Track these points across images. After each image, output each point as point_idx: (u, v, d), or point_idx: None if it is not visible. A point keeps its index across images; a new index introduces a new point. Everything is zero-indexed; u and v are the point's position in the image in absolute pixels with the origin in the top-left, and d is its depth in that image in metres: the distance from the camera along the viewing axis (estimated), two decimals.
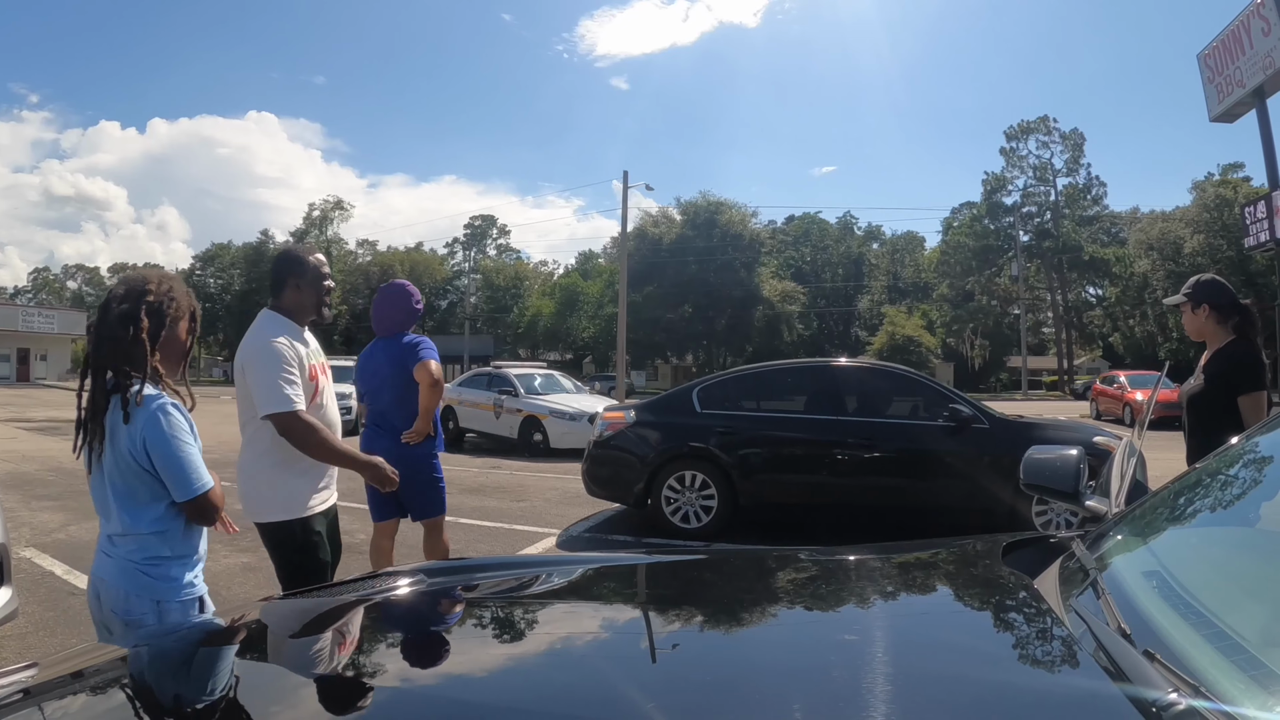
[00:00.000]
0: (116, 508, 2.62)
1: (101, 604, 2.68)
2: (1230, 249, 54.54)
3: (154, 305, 2.66)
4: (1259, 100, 29.14)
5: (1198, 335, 4.76)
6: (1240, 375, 4.42)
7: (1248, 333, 4.58)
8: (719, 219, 72.29)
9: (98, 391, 2.63)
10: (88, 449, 2.66)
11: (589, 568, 2.47)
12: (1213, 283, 4.76)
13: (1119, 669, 1.28)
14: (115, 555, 2.66)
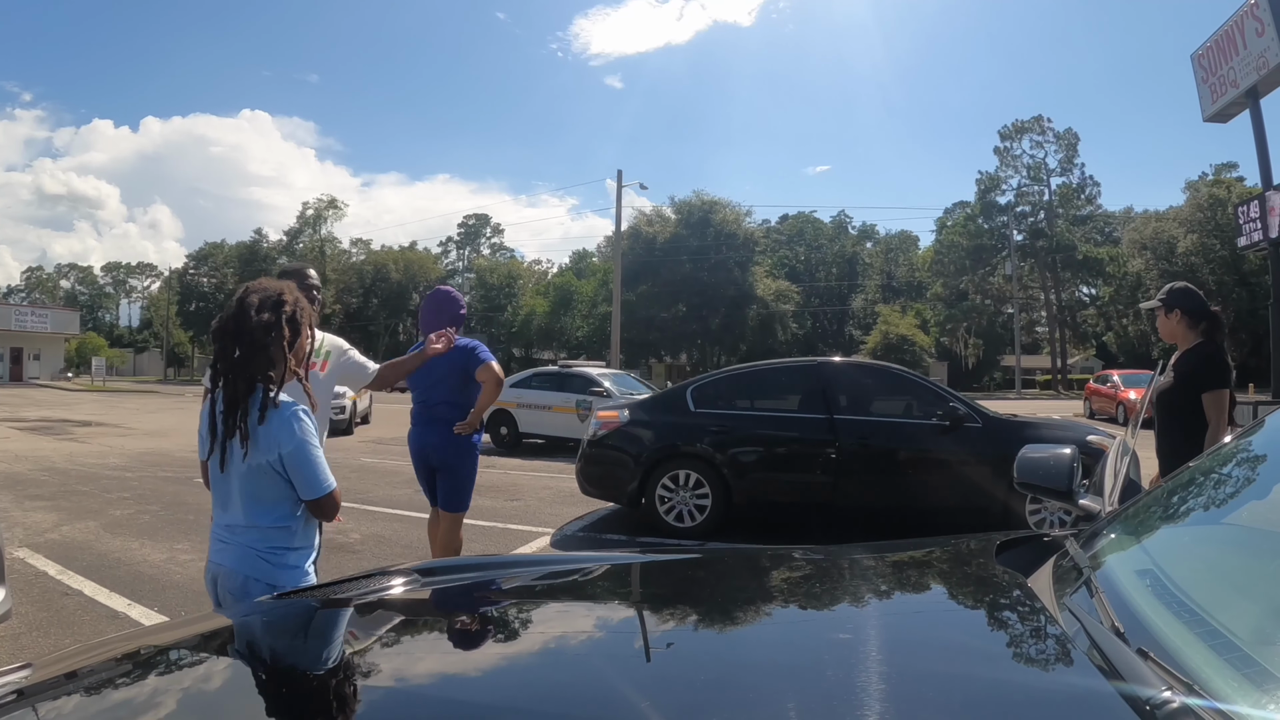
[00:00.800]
0: (241, 504, 2.79)
1: (218, 587, 2.86)
2: (1223, 249, 54.72)
3: (290, 315, 2.82)
4: (1252, 100, 29.22)
5: (1169, 337, 5.13)
6: (1206, 373, 4.79)
7: (1215, 336, 4.96)
8: (713, 218, 72.28)
9: (237, 395, 2.74)
10: (220, 447, 2.77)
11: (583, 567, 2.47)
12: (1185, 289, 5.12)
13: (1113, 667, 1.28)
14: (233, 543, 2.83)
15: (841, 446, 8.52)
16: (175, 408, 34.52)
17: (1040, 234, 69.92)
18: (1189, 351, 4.95)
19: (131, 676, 1.61)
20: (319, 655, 1.76)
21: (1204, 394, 4.74)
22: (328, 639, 1.87)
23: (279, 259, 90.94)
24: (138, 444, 18.26)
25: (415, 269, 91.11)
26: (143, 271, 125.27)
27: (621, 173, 46.10)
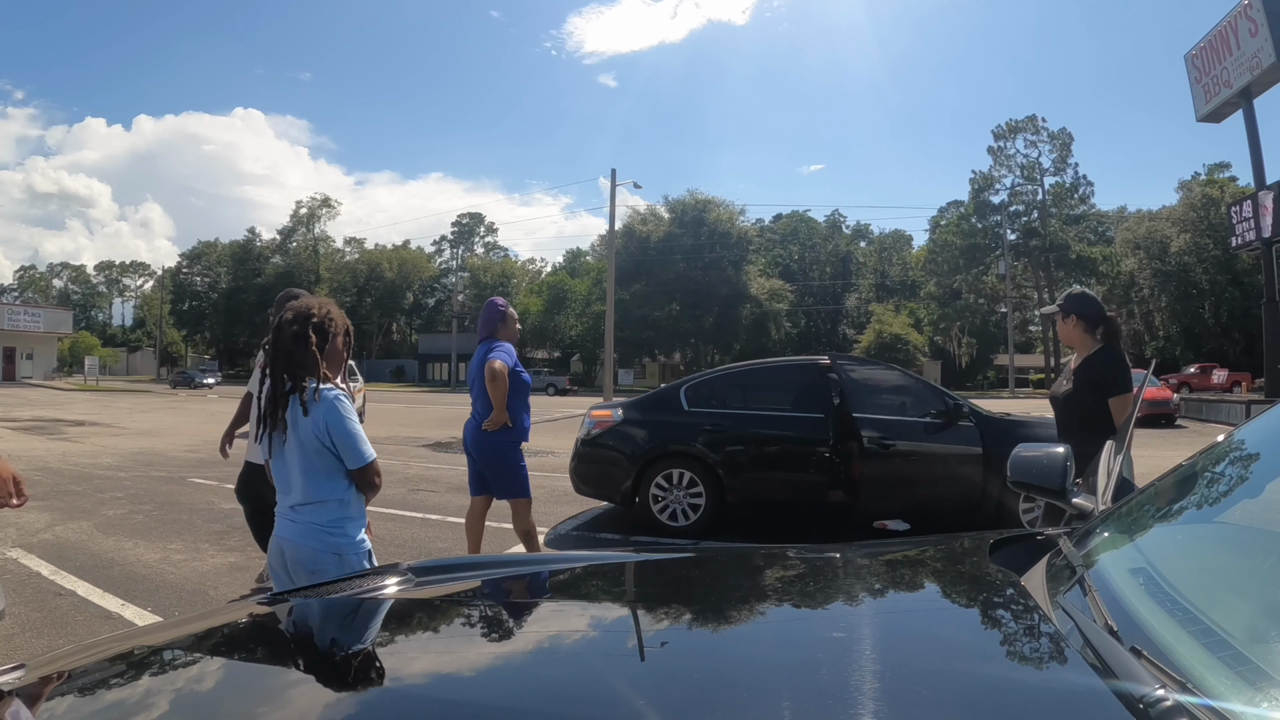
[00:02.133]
0: (302, 482, 3.24)
1: (285, 560, 3.29)
2: (1216, 248, 54.87)
3: (318, 325, 3.27)
4: (1246, 100, 29.30)
5: (1068, 342, 5.25)
6: (1108, 379, 4.93)
7: (1112, 341, 5.08)
8: (707, 217, 72.39)
9: (278, 393, 3.24)
10: (267, 437, 3.28)
11: (577, 566, 2.47)
12: (1082, 296, 5.25)
13: (1106, 665, 1.28)
14: (299, 521, 3.27)
15: (835, 445, 8.53)
16: (169, 407, 34.44)
17: (1034, 233, 70.14)
18: (1090, 357, 5.07)
19: (125, 677, 1.61)
20: (314, 655, 1.75)
21: (1110, 399, 4.88)
22: (323, 639, 1.87)
23: (272, 258, 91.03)
24: (131, 443, 18.22)
25: (409, 268, 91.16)
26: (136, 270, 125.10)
27: (615, 171, 46.12)
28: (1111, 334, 5.10)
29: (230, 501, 10.48)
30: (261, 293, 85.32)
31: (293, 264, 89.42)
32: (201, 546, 7.72)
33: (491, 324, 6.48)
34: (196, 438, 19.67)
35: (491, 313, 6.54)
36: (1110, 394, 4.88)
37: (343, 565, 3.21)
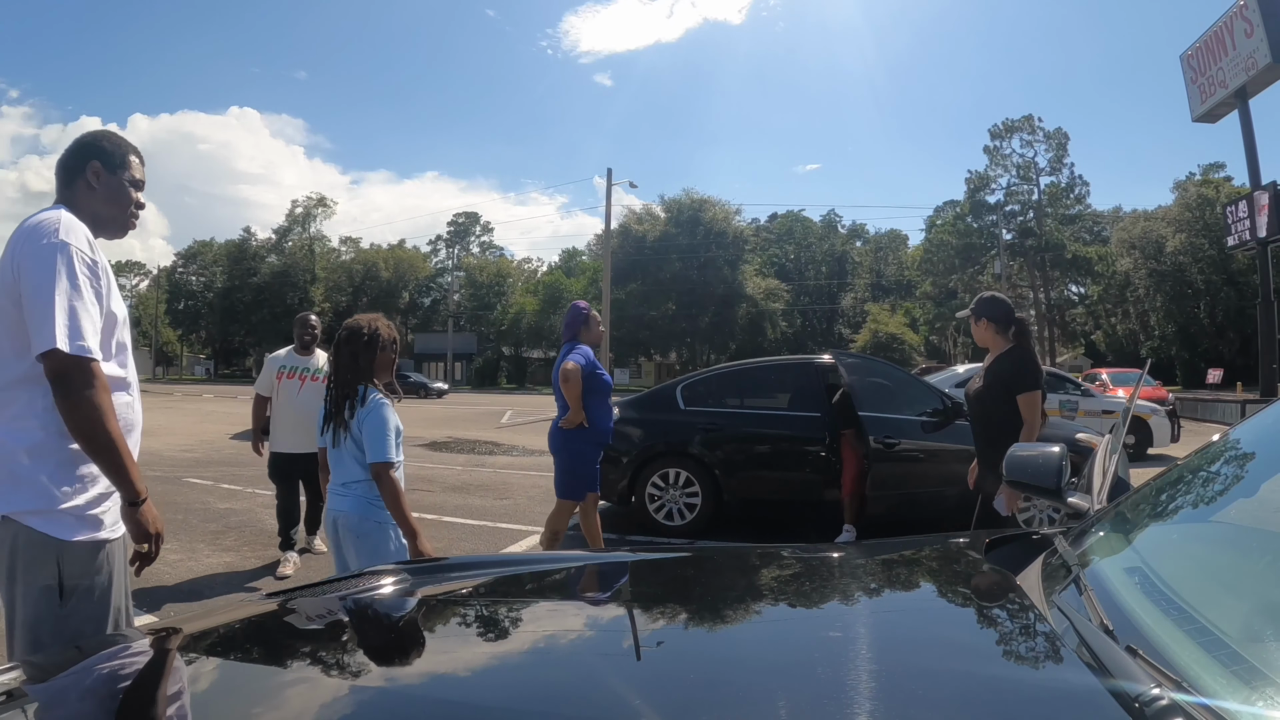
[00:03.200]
0: (354, 465, 3.83)
1: (338, 527, 3.89)
2: (1212, 248, 54.92)
3: (368, 341, 3.93)
4: (1241, 101, 29.35)
5: (981, 343, 5.45)
6: (1017, 377, 5.09)
7: (1023, 341, 5.28)
8: (703, 216, 72.38)
9: (341, 396, 3.88)
10: (331, 429, 3.90)
11: (573, 566, 2.47)
12: (992, 299, 5.44)
13: (1102, 664, 1.28)
14: (350, 495, 3.85)
15: (832, 444, 8.54)
16: (165, 407, 34.36)
17: (1029, 233, 70.19)
18: (1000, 356, 5.25)
19: (120, 678, 1.61)
20: (311, 655, 1.75)
21: (1018, 396, 5.04)
22: (320, 638, 1.87)
23: (268, 257, 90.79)
24: None
25: (404, 267, 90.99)
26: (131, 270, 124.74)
27: (611, 171, 46.25)
28: (1022, 334, 5.30)
29: (226, 501, 10.50)
30: (257, 292, 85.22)
31: (288, 263, 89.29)
32: (197, 546, 7.71)
33: (575, 327, 6.70)
34: (192, 437, 19.65)
35: (575, 316, 6.77)
36: (1018, 391, 5.04)
37: (383, 532, 3.81)
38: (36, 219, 2.53)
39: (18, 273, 2.42)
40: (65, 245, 2.45)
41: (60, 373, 2.37)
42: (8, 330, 2.46)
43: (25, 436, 2.46)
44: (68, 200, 2.70)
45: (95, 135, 2.83)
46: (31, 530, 2.44)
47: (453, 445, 18.45)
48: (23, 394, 2.48)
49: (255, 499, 10.67)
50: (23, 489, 2.44)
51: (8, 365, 2.47)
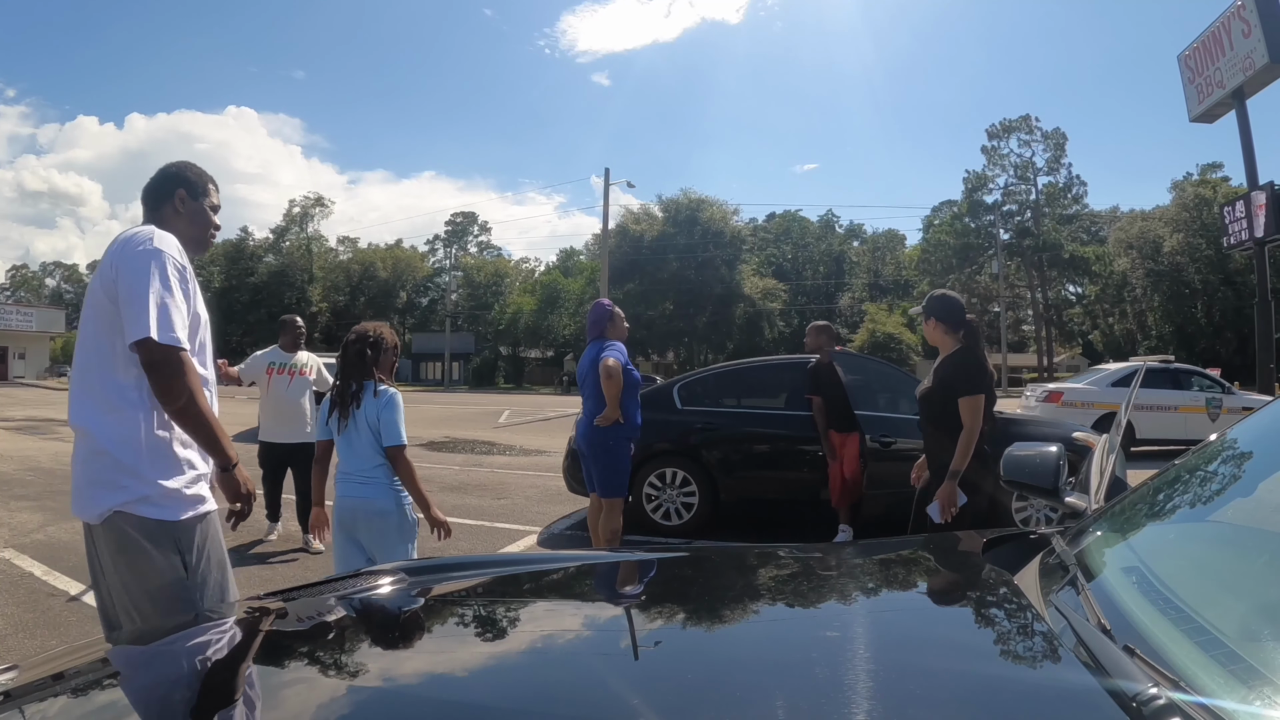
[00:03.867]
0: (370, 452, 4.26)
1: (354, 515, 4.24)
2: (1209, 248, 54.94)
3: (373, 343, 4.39)
4: (1239, 101, 29.34)
5: (932, 342, 5.37)
6: (961, 380, 5.05)
7: (971, 343, 5.21)
8: (700, 216, 72.35)
9: (347, 391, 4.32)
10: (338, 419, 4.32)
11: (570, 566, 2.47)
12: (943, 299, 5.34)
13: (1099, 664, 1.28)
14: (371, 482, 4.27)
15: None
16: None
17: (1027, 233, 70.28)
18: (947, 358, 5.20)
19: (117, 678, 1.61)
20: (308, 655, 1.75)
21: (960, 399, 5.00)
22: (317, 638, 1.87)
23: (265, 257, 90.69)
24: None
25: (402, 267, 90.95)
26: None
27: (609, 170, 46.28)
28: (971, 336, 5.23)
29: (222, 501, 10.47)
30: (254, 292, 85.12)
31: (286, 263, 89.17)
32: None
33: (602, 324, 6.75)
34: None
35: (601, 313, 6.82)
36: (960, 394, 5.01)
37: (401, 509, 4.28)
38: (132, 231, 2.84)
39: (116, 274, 2.71)
40: (159, 252, 2.74)
41: (154, 360, 2.63)
42: (108, 332, 2.75)
43: (125, 430, 2.72)
44: (156, 222, 2.99)
45: (181, 166, 3.17)
46: (144, 519, 2.70)
47: (450, 445, 18.43)
48: (128, 392, 2.75)
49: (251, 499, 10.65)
50: (131, 481, 2.69)
51: (112, 364, 2.75)
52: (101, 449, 2.71)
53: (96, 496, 2.71)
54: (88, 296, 2.83)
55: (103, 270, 2.76)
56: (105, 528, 2.71)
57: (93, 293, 2.80)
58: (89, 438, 2.74)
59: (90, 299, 2.81)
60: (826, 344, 8.58)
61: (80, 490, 2.77)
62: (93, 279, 2.84)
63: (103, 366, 2.75)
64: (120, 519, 2.68)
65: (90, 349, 2.79)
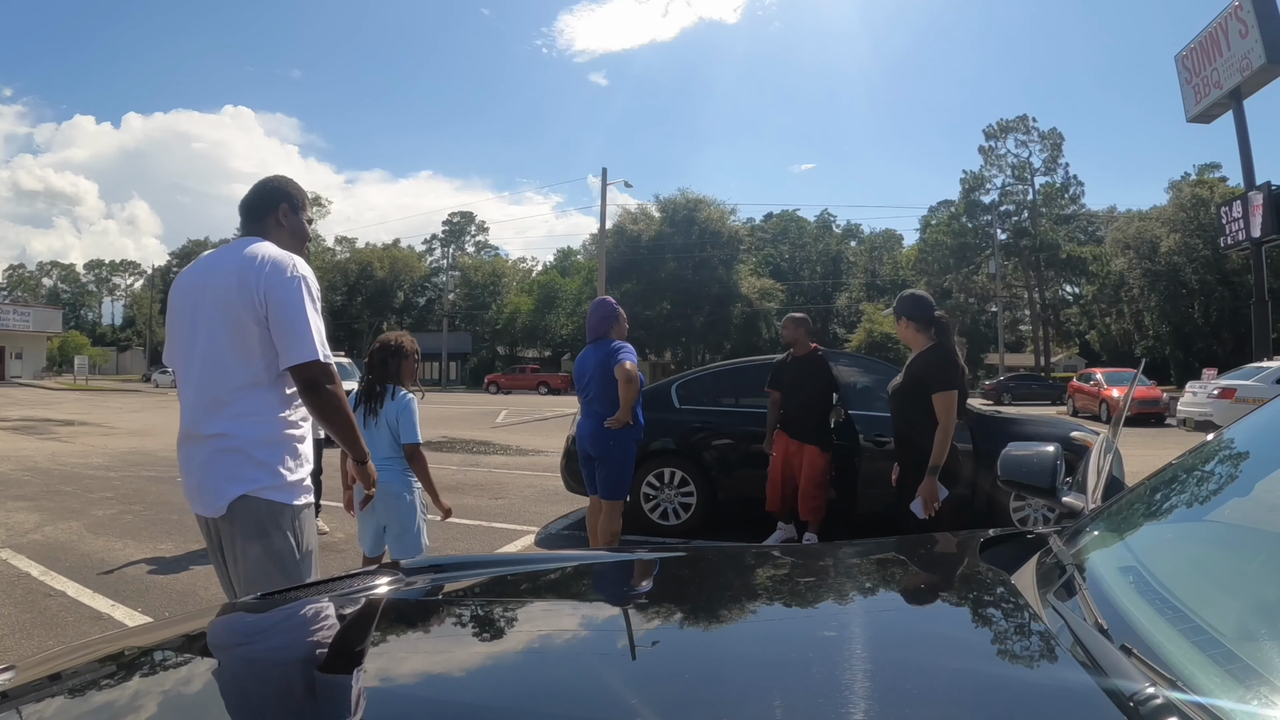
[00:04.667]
0: (390, 446, 4.91)
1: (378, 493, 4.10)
2: (1206, 248, 54.93)
3: (394, 350, 5.05)
4: (1236, 101, 29.41)
5: (904, 340, 5.56)
6: (933, 376, 5.18)
7: (943, 340, 5.36)
8: (698, 216, 72.39)
9: (373, 391, 4.99)
10: (361, 418, 4.83)
11: (568, 565, 2.47)
12: (913, 298, 5.53)
13: (1096, 663, 1.28)
14: (388, 469, 4.74)
15: None
16: (158, 406, 34.32)
17: (1024, 233, 70.30)
18: (920, 355, 5.34)
19: (115, 678, 1.61)
20: (303, 655, 1.75)
21: (933, 395, 5.11)
22: (314, 638, 1.87)
23: None
24: (120, 443, 18.19)
25: (399, 267, 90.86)
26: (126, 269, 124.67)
27: (606, 170, 46.28)
28: (942, 333, 5.37)
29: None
30: None
31: None
32: (192, 547, 7.70)
33: (608, 323, 6.72)
34: None
35: (609, 311, 6.80)
36: (933, 390, 5.11)
37: (412, 492, 4.97)
38: (271, 253, 3.08)
39: (267, 297, 2.99)
40: (305, 278, 3.09)
41: (315, 375, 3.02)
42: (242, 343, 3.02)
43: (260, 430, 3.06)
44: (259, 234, 3.25)
45: (283, 181, 3.43)
46: (271, 501, 3.05)
47: (447, 445, 18.44)
48: (258, 395, 3.06)
49: None
50: (261, 471, 3.04)
51: (235, 372, 3.04)
52: (238, 448, 3.02)
53: (223, 489, 3.02)
54: (212, 309, 3.06)
55: (243, 286, 2.99)
56: (234, 513, 3.03)
57: (227, 308, 3.02)
58: (224, 438, 3.03)
59: (219, 313, 3.04)
60: (803, 337, 8.45)
61: (204, 487, 3.07)
62: (217, 291, 3.06)
63: (238, 375, 3.03)
64: (248, 503, 3.02)
65: (222, 359, 3.03)
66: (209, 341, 3.05)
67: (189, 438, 3.12)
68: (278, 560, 3.07)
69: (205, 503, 3.08)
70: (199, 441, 3.07)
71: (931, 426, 5.07)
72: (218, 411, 3.04)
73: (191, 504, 3.19)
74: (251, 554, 3.05)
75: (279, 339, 3.00)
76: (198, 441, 3.08)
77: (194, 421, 3.09)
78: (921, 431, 5.13)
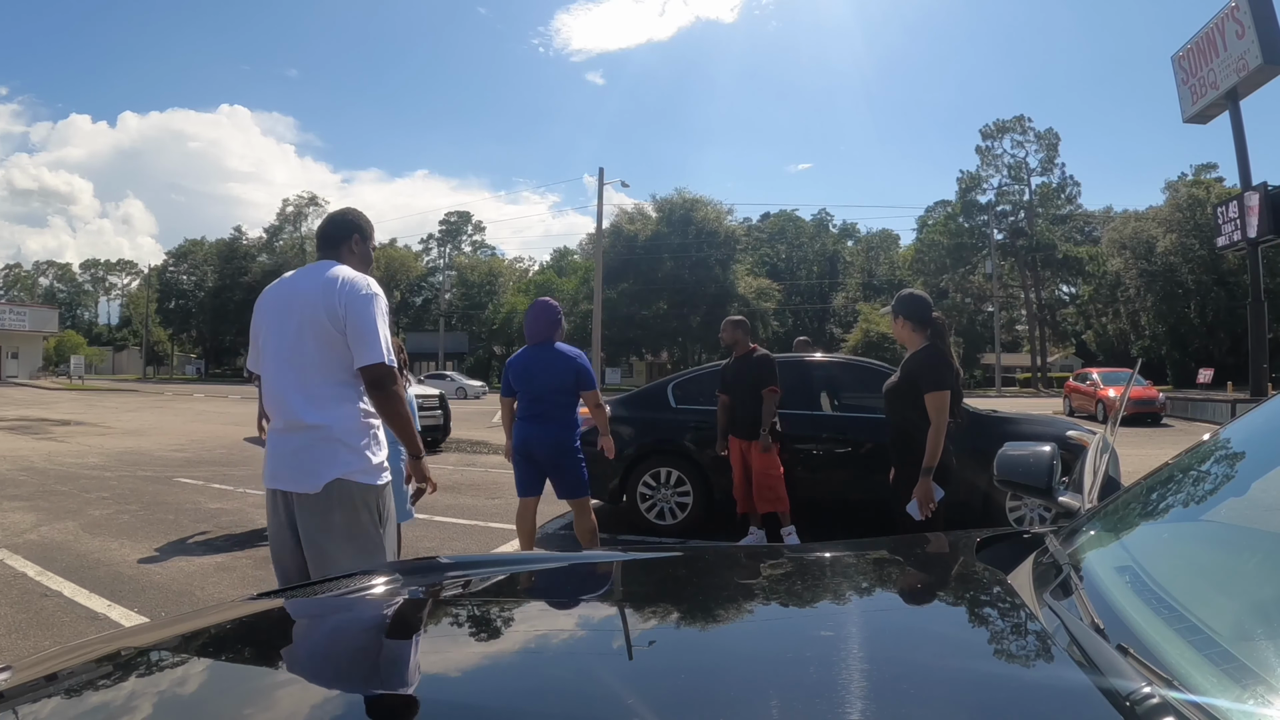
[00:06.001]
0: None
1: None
2: (1202, 248, 55.07)
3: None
4: (1232, 102, 29.46)
5: (899, 339, 5.56)
6: (926, 376, 5.18)
7: (938, 340, 5.35)
8: (694, 215, 72.48)
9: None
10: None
11: (564, 565, 2.47)
12: (910, 297, 5.53)
13: (1093, 663, 1.29)
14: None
15: (822, 442, 8.53)
16: (155, 406, 34.32)
17: (1020, 233, 70.41)
18: (914, 354, 5.33)
19: (112, 678, 1.60)
20: (301, 656, 1.75)
21: (926, 395, 5.12)
22: (310, 639, 1.87)
23: (259, 256, 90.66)
24: (117, 443, 18.16)
25: (396, 266, 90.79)
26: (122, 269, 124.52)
27: (603, 170, 46.46)
28: (937, 333, 5.36)
29: (217, 501, 10.48)
30: (248, 291, 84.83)
31: (280, 263, 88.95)
32: (188, 546, 7.69)
33: (556, 326, 6.71)
34: (183, 437, 19.62)
35: (555, 315, 6.77)
36: (926, 390, 5.12)
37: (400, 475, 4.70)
38: (349, 275, 3.66)
39: (345, 310, 3.55)
40: (378, 295, 3.67)
41: (381, 376, 3.58)
42: (332, 349, 3.57)
43: (350, 421, 3.61)
44: (335, 258, 3.81)
45: (356, 214, 4.03)
46: (359, 483, 3.57)
47: (444, 445, 18.42)
48: (345, 393, 3.62)
49: (246, 499, 10.66)
50: (352, 456, 3.58)
51: (323, 373, 3.59)
52: (333, 436, 3.55)
53: (320, 471, 3.52)
54: (300, 321, 3.58)
55: (327, 302, 3.55)
56: (326, 493, 3.52)
57: (314, 320, 3.56)
58: (319, 429, 3.55)
59: (307, 323, 3.57)
60: (742, 338, 8.35)
61: (301, 468, 3.55)
62: (304, 305, 3.59)
63: (329, 374, 3.58)
64: (340, 485, 3.53)
65: (314, 361, 3.58)
66: (297, 347, 3.59)
67: (285, 428, 3.63)
68: (361, 531, 3.58)
69: (300, 481, 3.56)
70: (299, 430, 3.57)
71: (920, 424, 5.10)
72: (311, 406, 3.56)
73: (275, 483, 3.66)
74: (340, 527, 3.54)
75: (353, 345, 3.55)
76: (295, 431, 3.58)
77: (289, 414, 3.60)
78: (914, 432, 5.15)
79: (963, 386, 5.35)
